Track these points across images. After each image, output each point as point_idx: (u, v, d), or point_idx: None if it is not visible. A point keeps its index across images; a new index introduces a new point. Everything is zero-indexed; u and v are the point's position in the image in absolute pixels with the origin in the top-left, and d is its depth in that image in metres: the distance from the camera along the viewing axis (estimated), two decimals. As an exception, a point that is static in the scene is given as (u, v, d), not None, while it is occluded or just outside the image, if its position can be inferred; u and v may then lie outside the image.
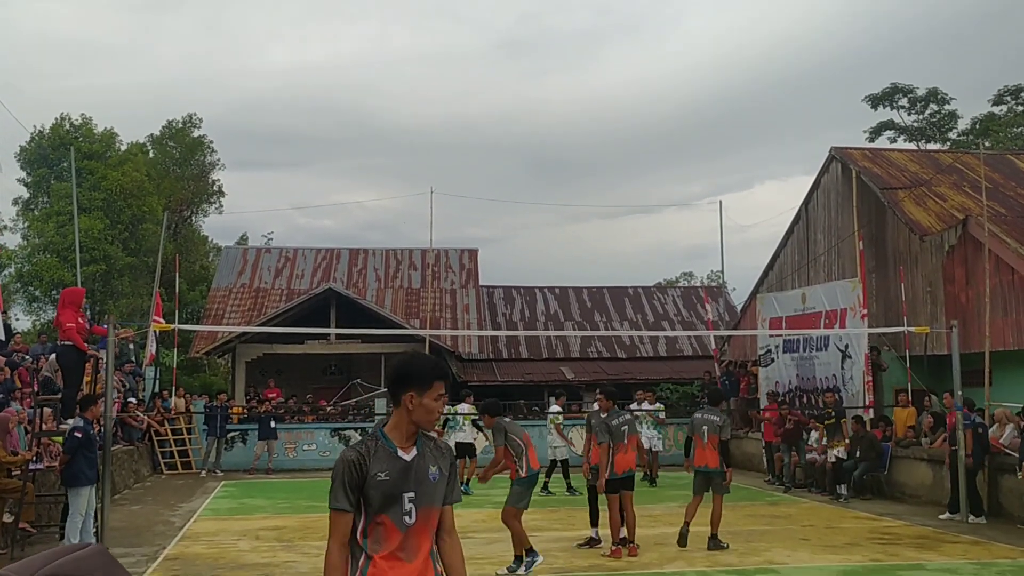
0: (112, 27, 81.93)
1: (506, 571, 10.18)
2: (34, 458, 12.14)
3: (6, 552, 11.35)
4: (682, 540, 11.36)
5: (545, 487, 18.05)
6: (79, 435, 11.06)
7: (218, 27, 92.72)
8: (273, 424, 23.15)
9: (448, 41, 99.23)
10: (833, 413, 18.23)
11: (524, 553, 10.24)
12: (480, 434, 20.03)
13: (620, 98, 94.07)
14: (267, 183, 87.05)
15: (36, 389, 15.19)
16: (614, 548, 11.24)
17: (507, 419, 10.97)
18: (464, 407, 19.60)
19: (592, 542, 11.88)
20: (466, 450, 19.14)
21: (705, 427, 11.67)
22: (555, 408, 19.53)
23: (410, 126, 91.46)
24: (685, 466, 12.23)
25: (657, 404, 21.85)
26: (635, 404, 20.75)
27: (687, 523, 11.41)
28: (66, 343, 13.04)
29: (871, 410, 18.69)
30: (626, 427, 11.42)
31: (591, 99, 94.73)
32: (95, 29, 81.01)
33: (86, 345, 13.22)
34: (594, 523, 12.00)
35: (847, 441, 17.79)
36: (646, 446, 18.96)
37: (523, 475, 10.43)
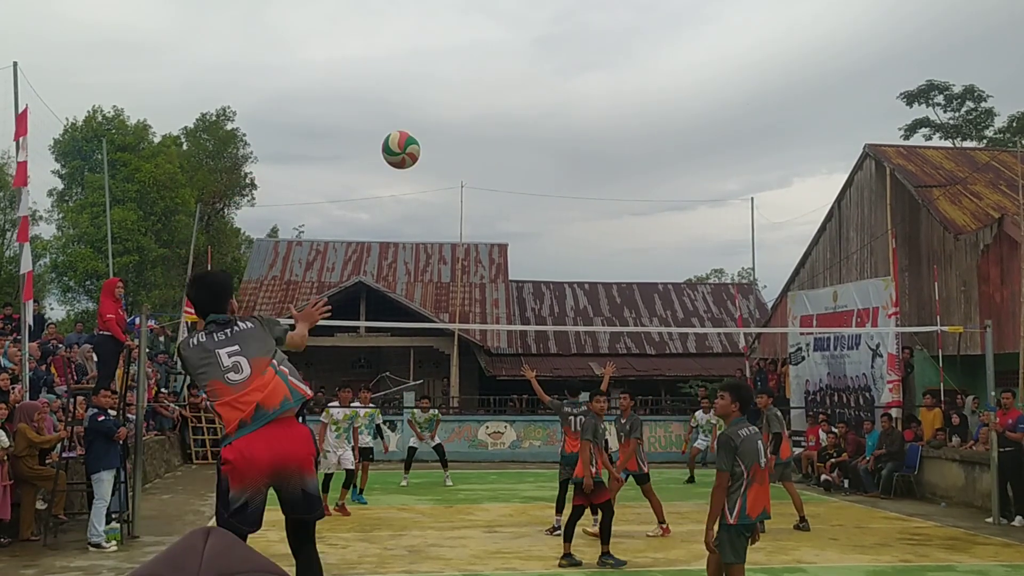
0: (152, 22, 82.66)
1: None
2: (68, 446, 12.29)
3: (38, 539, 11.49)
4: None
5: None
6: (101, 418, 11.21)
7: (256, 22, 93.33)
8: (301, 418, 23.20)
9: (485, 37, 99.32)
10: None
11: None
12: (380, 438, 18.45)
13: (656, 95, 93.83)
14: (303, 176, 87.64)
15: (74, 377, 15.39)
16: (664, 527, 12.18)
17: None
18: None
19: (554, 529, 12.10)
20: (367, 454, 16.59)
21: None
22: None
23: (446, 121, 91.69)
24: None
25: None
26: (700, 412, 20.36)
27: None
28: (104, 333, 13.19)
29: (894, 409, 18.55)
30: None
31: (627, 96, 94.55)
32: (134, 24, 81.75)
33: (124, 336, 13.37)
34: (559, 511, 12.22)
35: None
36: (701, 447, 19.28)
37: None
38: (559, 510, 12.20)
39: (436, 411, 19.19)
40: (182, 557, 1.41)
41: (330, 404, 14.97)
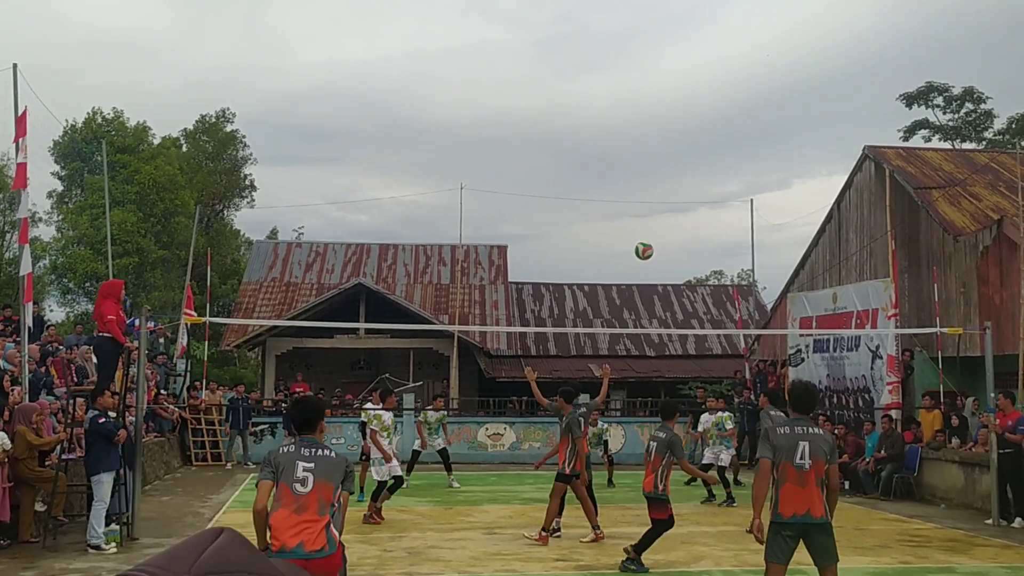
0: (151, 23, 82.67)
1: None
2: (67, 448, 12.29)
3: (38, 541, 11.49)
4: None
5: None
6: (102, 420, 11.22)
7: (256, 24, 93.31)
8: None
9: (484, 38, 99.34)
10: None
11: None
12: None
13: (656, 97, 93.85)
14: (303, 178, 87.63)
15: (74, 379, 15.37)
16: (543, 534, 11.68)
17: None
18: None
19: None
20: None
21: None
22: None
23: (445, 122, 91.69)
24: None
25: (722, 413, 17.77)
26: (707, 415, 18.33)
27: None
28: (104, 335, 13.18)
29: (894, 411, 18.55)
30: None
31: (627, 97, 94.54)
32: (134, 25, 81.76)
33: (125, 338, 13.37)
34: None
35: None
36: (713, 461, 17.05)
37: None
38: (560, 512, 12.19)
39: (444, 412, 19.22)
40: (183, 552, 1.42)
41: (371, 408, 14.98)
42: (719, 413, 17.47)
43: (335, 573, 5.84)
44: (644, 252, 14.59)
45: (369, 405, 14.74)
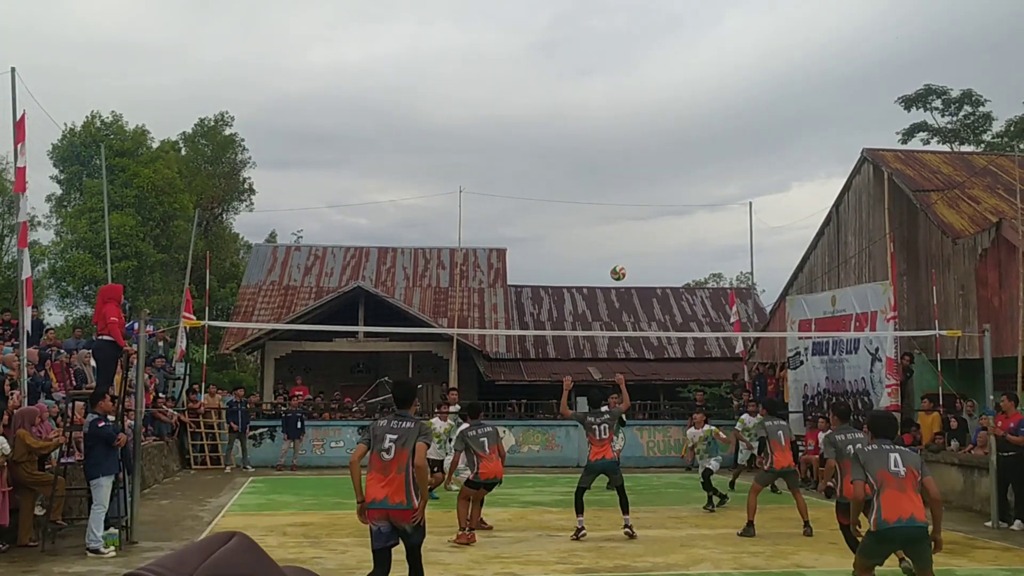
0: (150, 27, 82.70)
1: None
2: (66, 451, 12.28)
3: (37, 545, 11.48)
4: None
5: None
6: (101, 424, 11.22)
7: (255, 28, 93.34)
8: (300, 424, 23.17)
9: (484, 41, 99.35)
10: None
11: None
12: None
13: (656, 100, 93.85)
14: (303, 182, 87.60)
15: (73, 382, 15.35)
16: (461, 534, 11.97)
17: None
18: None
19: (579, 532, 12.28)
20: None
21: (780, 432, 13.37)
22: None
23: (445, 126, 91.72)
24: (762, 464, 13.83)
25: (707, 428, 17.25)
26: (692, 429, 17.66)
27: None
28: (103, 338, 13.18)
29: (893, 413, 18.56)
30: (485, 439, 12.44)
31: (627, 100, 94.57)
32: (132, 29, 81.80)
33: (124, 341, 13.37)
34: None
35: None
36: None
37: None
38: (579, 511, 12.39)
39: (452, 424, 18.96)
40: (190, 555, 1.43)
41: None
42: (705, 427, 17.12)
43: (411, 519, 7.37)
44: (620, 271, 15.31)
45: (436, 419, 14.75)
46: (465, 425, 13.50)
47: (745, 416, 18.32)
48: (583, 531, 12.26)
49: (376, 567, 7.67)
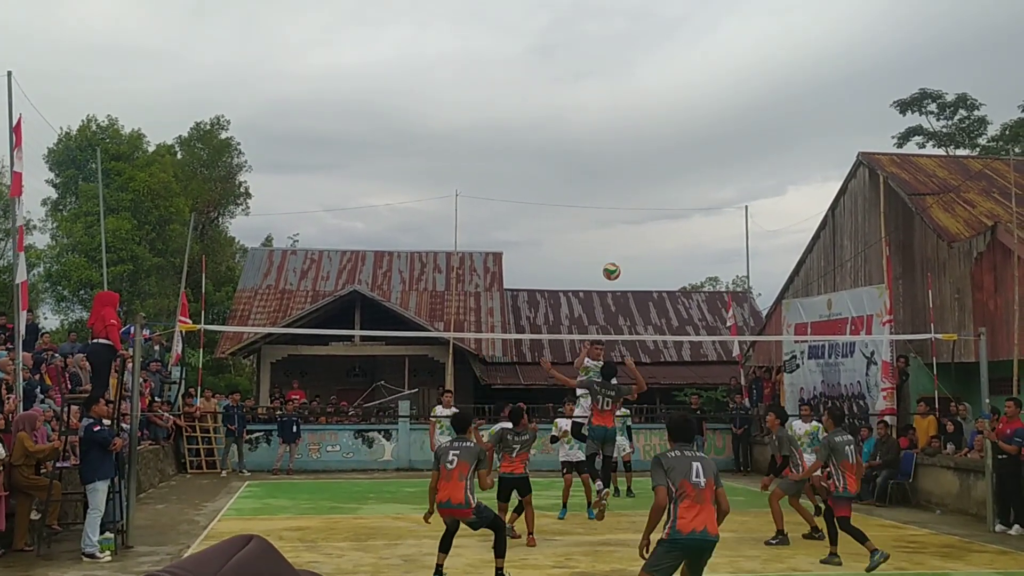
0: (146, 31, 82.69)
1: None
2: (62, 456, 12.26)
3: (32, 549, 11.45)
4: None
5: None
6: (97, 428, 11.20)
7: (251, 31, 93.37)
8: (296, 428, 23.15)
9: (480, 45, 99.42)
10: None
11: None
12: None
13: (652, 104, 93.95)
14: (299, 185, 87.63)
15: (67, 386, 15.31)
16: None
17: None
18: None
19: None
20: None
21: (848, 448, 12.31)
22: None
23: (442, 130, 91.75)
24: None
25: (623, 410, 17.82)
26: (799, 422, 17.39)
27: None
28: (99, 341, 13.16)
29: (888, 417, 18.57)
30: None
31: (622, 104, 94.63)
32: (128, 33, 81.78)
33: (121, 346, 13.36)
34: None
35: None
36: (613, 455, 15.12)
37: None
38: (594, 477, 12.71)
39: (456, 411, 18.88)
40: (211, 557, 1.43)
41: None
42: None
43: (470, 516, 9.40)
44: (612, 269, 15.12)
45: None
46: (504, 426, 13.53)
47: (796, 423, 16.87)
48: (604, 491, 12.38)
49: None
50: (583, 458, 14.17)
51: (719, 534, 6.99)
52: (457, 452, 9.46)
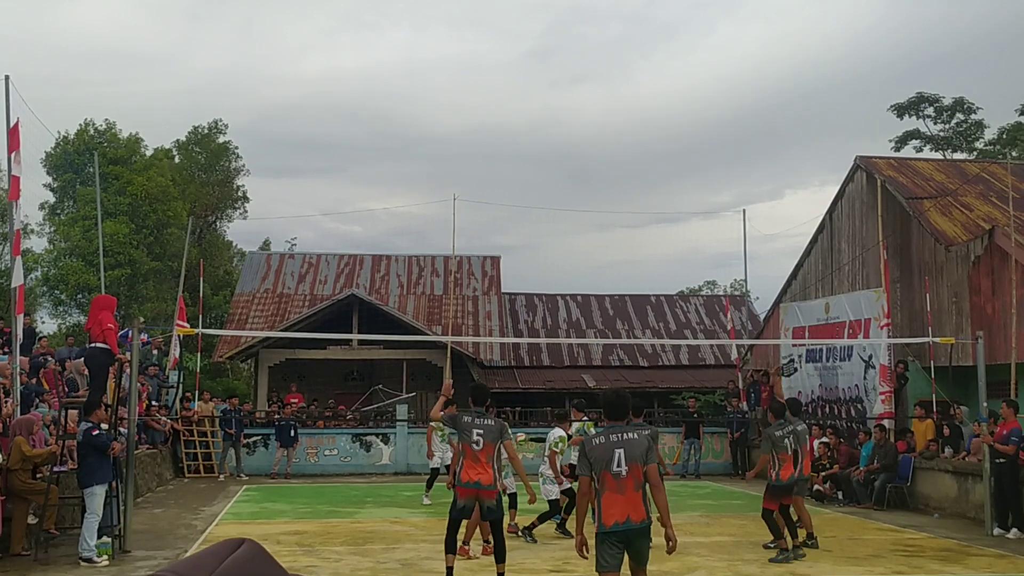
0: (144, 35, 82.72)
1: None
2: (59, 460, 12.24)
3: (29, 554, 11.43)
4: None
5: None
6: (96, 432, 11.19)
7: (249, 35, 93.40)
8: (293, 432, 23.10)
9: (478, 49, 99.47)
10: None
11: None
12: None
13: (650, 108, 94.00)
14: (297, 189, 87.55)
15: (64, 390, 15.28)
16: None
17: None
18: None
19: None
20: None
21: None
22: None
23: (440, 134, 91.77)
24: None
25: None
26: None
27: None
28: (96, 345, 13.14)
29: (887, 420, 18.58)
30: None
31: (619, 108, 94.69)
32: (126, 37, 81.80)
33: (118, 349, 13.34)
34: None
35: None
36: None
37: None
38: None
39: None
40: (203, 560, 1.44)
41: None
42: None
43: (495, 497, 9.35)
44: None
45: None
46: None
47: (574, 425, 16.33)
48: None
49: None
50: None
51: (646, 517, 6.99)
52: (481, 432, 9.26)
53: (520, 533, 12.87)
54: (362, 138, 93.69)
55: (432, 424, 16.86)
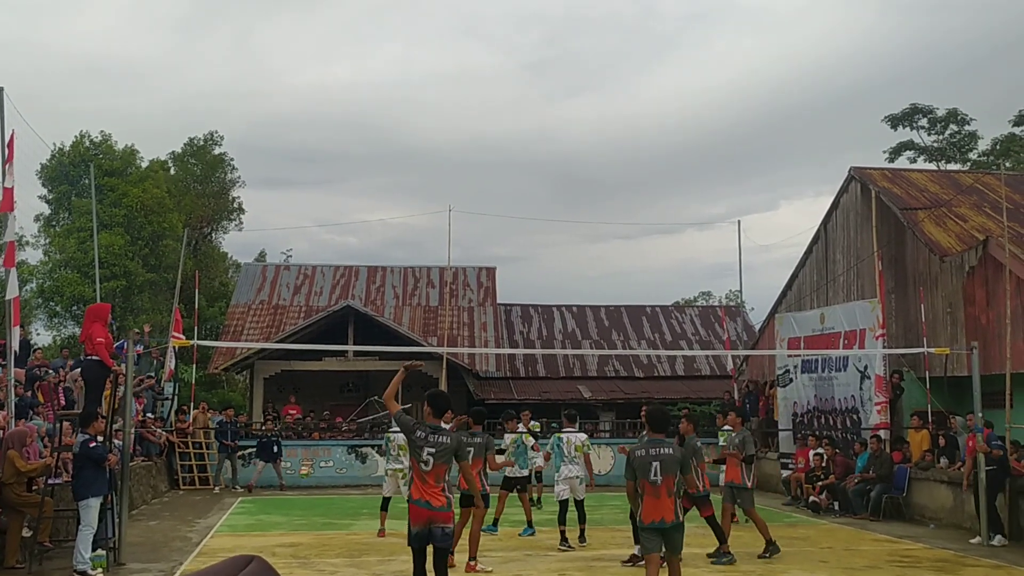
0: (140, 47, 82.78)
1: None
2: (54, 472, 12.21)
3: (23, 566, 11.40)
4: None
5: None
6: (92, 444, 11.16)
7: (245, 47, 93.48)
8: (276, 448, 22.98)
9: (473, 61, 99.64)
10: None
11: None
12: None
13: (644, 119, 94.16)
14: (292, 201, 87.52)
15: (60, 402, 15.23)
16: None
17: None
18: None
19: (634, 559, 11.59)
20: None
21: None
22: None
23: (435, 145, 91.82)
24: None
25: (532, 423, 17.95)
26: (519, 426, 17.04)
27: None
28: (91, 357, 13.12)
29: (882, 431, 18.59)
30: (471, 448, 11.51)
31: (615, 120, 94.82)
32: (122, 49, 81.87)
33: (112, 361, 13.32)
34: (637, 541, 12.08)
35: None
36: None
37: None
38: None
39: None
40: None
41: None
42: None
43: (450, 520, 8.49)
44: None
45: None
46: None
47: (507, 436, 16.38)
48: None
49: None
50: (526, 475, 15.19)
51: (677, 519, 8.38)
52: (433, 452, 8.21)
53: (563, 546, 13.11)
54: (358, 149, 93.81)
55: None
